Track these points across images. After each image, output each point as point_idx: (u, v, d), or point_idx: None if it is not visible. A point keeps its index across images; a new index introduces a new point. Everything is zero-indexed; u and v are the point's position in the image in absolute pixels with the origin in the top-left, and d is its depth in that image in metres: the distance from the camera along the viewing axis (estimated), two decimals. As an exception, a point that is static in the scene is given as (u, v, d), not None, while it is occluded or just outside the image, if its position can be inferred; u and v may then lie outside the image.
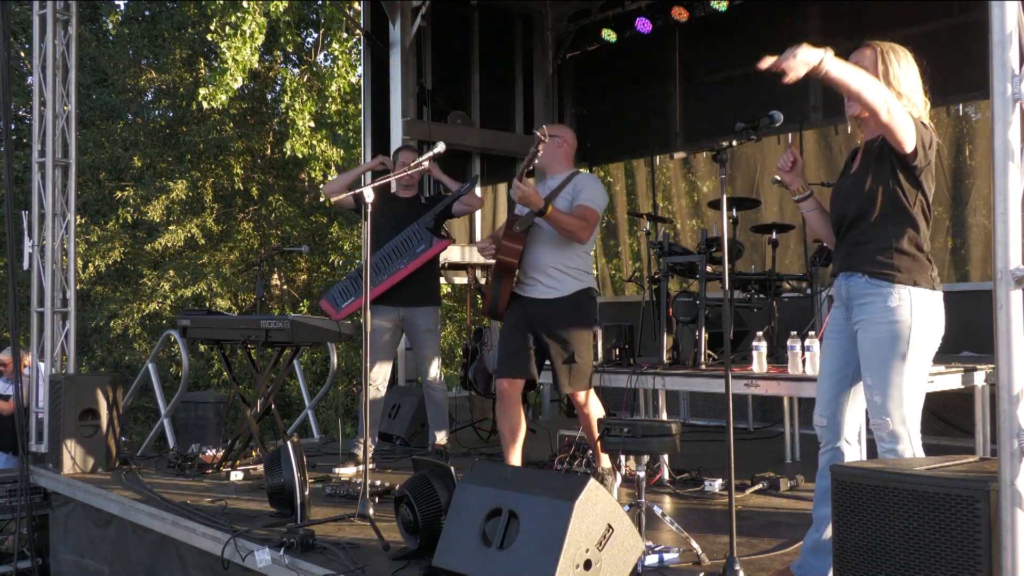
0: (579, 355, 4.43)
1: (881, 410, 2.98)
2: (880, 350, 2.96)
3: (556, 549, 2.82)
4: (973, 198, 6.81)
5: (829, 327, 3.23)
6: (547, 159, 4.59)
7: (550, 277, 4.44)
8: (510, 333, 4.56)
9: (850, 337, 3.10)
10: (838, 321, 3.16)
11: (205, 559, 4.26)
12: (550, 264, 4.44)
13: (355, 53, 13.94)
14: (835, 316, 3.19)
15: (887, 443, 3.00)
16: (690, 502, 4.65)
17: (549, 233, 4.41)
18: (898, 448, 2.99)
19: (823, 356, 3.25)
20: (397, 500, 3.61)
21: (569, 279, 4.45)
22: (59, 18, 6.41)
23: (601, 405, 4.65)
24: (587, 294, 4.51)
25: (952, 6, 6.42)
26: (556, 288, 4.44)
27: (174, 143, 16.26)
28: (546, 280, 4.45)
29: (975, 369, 4.68)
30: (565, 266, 4.45)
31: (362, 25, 8.12)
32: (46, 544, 5.99)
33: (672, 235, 8.62)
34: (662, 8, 7.78)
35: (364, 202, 4.19)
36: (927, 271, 2.99)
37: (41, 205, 6.35)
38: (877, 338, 2.97)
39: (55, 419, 5.78)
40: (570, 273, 4.45)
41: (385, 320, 5.57)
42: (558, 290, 4.44)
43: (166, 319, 14.59)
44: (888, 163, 2.99)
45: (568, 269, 4.45)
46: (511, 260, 4.43)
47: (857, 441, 3.23)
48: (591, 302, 4.54)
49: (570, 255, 4.45)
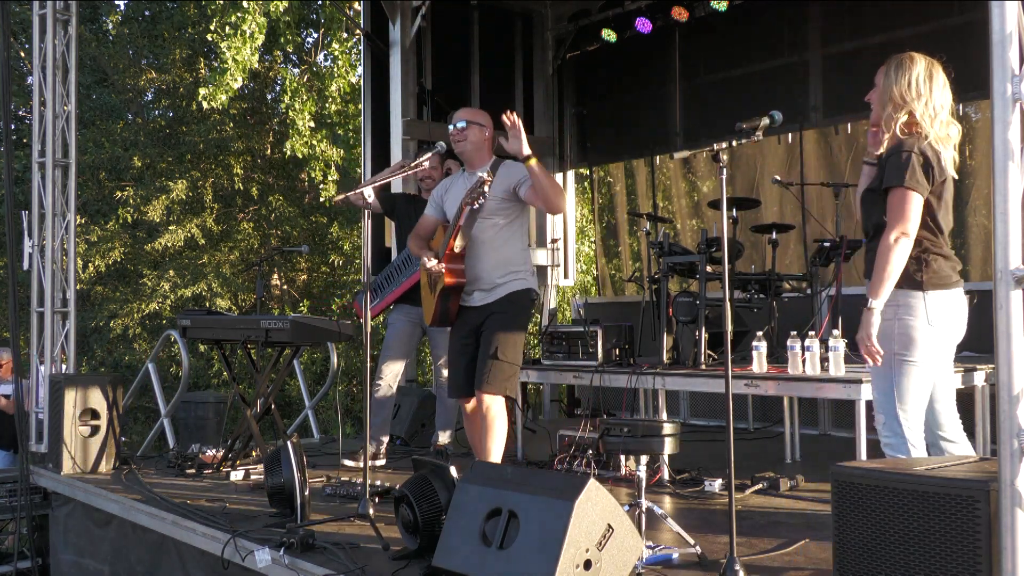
0: (503, 352, 4.18)
1: (878, 405, 3.12)
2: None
3: (556, 549, 2.82)
4: (973, 198, 6.81)
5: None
6: (475, 151, 4.32)
7: (493, 284, 4.28)
8: (457, 352, 4.39)
9: None
10: None
11: (205, 559, 4.26)
12: (493, 275, 4.27)
13: (355, 53, 13.94)
14: None
15: (886, 436, 3.11)
16: (690, 502, 4.65)
17: (488, 241, 4.24)
18: (893, 442, 3.09)
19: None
20: (397, 500, 3.61)
21: (509, 282, 4.28)
22: (59, 18, 6.40)
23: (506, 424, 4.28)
24: (525, 295, 4.32)
25: (952, 6, 6.41)
26: (496, 292, 4.29)
27: (174, 143, 16.26)
28: (488, 287, 4.29)
29: (975, 369, 4.68)
30: (505, 271, 4.28)
31: (362, 25, 8.11)
32: (46, 544, 5.99)
33: (672, 235, 8.62)
34: (662, 8, 7.77)
35: (364, 201, 4.20)
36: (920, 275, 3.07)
37: (41, 205, 6.35)
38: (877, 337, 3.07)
39: (55, 419, 5.78)
40: (509, 277, 4.28)
41: (406, 318, 5.59)
42: (497, 293, 4.29)
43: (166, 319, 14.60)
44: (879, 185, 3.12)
45: (507, 275, 4.28)
46: (460, 280, 4.25)
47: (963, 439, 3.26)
48: (528, 303, 4.35)
49: (510, 258, 4.29)
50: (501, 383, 4.18)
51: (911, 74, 3.13)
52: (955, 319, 3.14)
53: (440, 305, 4.32)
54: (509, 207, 4.27)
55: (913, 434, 3.09)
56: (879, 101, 3.21)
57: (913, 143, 3.09)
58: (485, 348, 4.22)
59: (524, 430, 6.07)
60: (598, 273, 10.46)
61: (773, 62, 7.47)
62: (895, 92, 3.13)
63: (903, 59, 3.17)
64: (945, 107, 3.15)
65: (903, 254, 3.02)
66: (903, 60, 3.17)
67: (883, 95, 3.17)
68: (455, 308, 4.34)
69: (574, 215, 9.56)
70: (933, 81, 3.14)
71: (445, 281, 4.22)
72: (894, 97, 3.13)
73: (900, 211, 3.03)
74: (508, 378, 4.20)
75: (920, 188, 3.05)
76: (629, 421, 3.84)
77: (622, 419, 4.16)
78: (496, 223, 4.27)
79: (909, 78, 3.12)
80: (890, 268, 3.00)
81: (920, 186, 3.05)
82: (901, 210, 3.03)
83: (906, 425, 3.08)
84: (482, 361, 4.21)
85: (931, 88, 3.13)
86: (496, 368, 4.17)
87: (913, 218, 3.03)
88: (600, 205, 10.24)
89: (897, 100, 3.12)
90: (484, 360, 4.20)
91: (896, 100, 3.13)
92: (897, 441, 3.09)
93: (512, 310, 4.27)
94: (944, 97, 3.15)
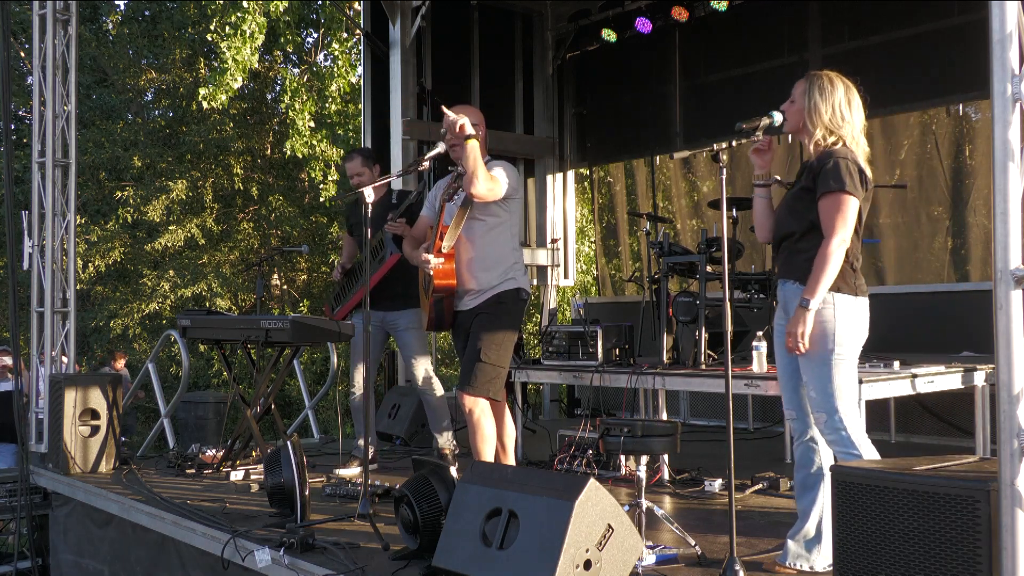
0: (486, 354, 4.14)
1: (817, 405, 3.21)
2: (811, 348, 3.17)
3: (556, 549, 2.82)
4: (973, 198, 6.80)
5: (776, 329, 3.44)
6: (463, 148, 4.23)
7: (481, 286, 4.26)
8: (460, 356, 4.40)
9: None
10: (781, 323, 3.38)
11: (205, 559, 4.26)
12: (481, 276, 4.25)
13: (355, 53, 13.95)
14: (778, 318, 3.42)
15: (828, 435, 3.21)
16: (690, 502, 4.65)
17: (475, 242, 4.22)
18: (839, 438, 3.16)
19: (776, 356, 3.47)
20: (397, 500, 3.61)
21: (498, 282, 4.26)
22: (59, 18, 6.40)
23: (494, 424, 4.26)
24: (515, 294, 4.28)
25: (952, 6, 6.41)
26: (485, 294, 4.28)
27: (174, 143, 16.27)
28: (477, 289, 4.27)
29: (975, 369, 4.68)
30: (494, 272, 4.26)
31: (362, 25, 8.11)
32: (46, 544, 5.99)
33: (672, 235, 8.62)
34: (662, 8, 7.77)
35: (364, 202, 4.20)
36: (850, 279, 3.20)
37: (41, 205, 6.35)
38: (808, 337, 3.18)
39: (55, 419, 5.78)
40: (498, 277, 4.26)
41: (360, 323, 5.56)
42: (486, 295, 4.28)
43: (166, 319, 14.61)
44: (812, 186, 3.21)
45: (496, 276, 4.26)
46: (450, 282, 4.24)
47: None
48: (518, 303, 4.31)
49: (499, 258, 4.26)
50: (484, 385, 4.15)
51: (834, 99, 3.23)
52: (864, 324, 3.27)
53: (434, 308, 4.32)
54: (496, 208, 4.24)
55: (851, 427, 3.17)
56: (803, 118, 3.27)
57: (846, 152, 3.20)
58: (471, 350, 4.21)
59: (524, 430, 6.07)
60: (598, 273, 10.46)
61: (773, 62, 7.47)
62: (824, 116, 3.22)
63: (823, 80, 3.26)
64: (861, 127, 3.28)
65: (841, 258, 3.13)
66: (823, 82, 3.26)
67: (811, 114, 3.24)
68: (449, 311, 4.33)
69: (574, 215, 9.55)
70: (852, 105, 3.25)
71: (435, 283, 4.21)
72: (824, 121, 3.22)
73: (842, 216, 3.12)
74: (491, 380, 4.16)
75: (858, 194, 3.16)
76: (629, 421, 3.84)
77: (622, 419, 4.16)
78: (484, 223, 4.25)
79: (833, 104, 3.23)
80: (830, 271, 3.11)
81: (858, 192, 3.16)
82: (843, 215, 3.12)
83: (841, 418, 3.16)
84: (467, 363, 4.20)
85: (852, 112, 3.25)
86: (479, 370, 4.15)
87: (851, 223, 3.14)
88: (600, 205, 10.24)
89: (827, 124, 3.23)
90: (468, 362, 4.19)
91: (826, 124, 3.23)
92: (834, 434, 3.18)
93: (499, 311, 4.25)
94: (861, 117, 3.28)
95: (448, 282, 4.23)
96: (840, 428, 3.15)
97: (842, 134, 3.23)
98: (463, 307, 4.32)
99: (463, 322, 4.33)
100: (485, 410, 4.21)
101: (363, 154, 5.61)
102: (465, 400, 4.17)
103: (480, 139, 4.24)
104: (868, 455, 3.12)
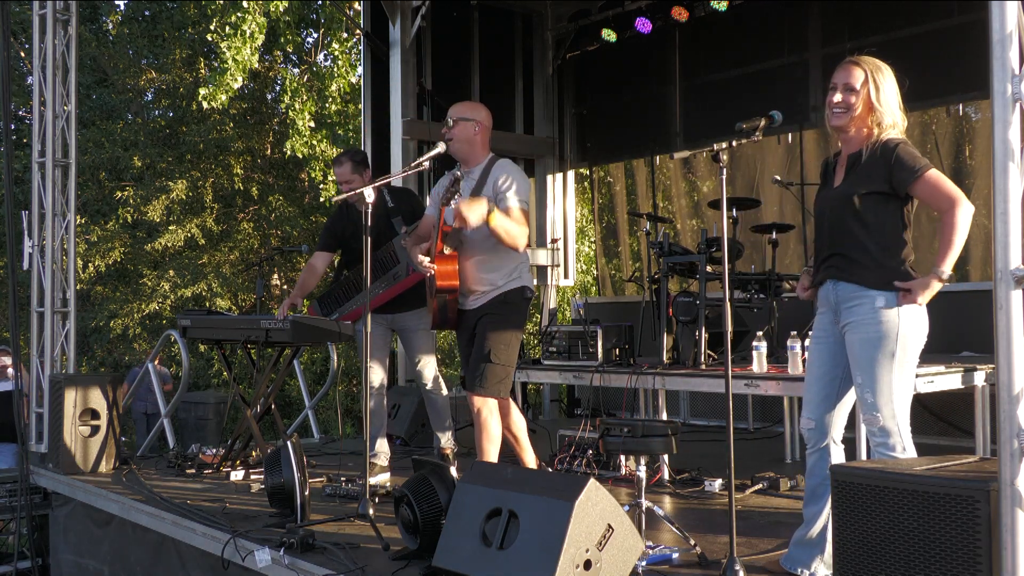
0: (495, 354, 4.13)
1: (872, 407, 3.11)
2: (869, 349, 3.08)
3: (556, 549, 2.82)
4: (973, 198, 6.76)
5: (816, 332, 3.35)
6: (466, 147, 4.25)
7: (485, 286, 4.25)
8: (464, 356, 4.40)
9: (838, 340, 3.23)
10: (824, 325, 3.29)
11: (205, 559, 4.26)
12: (485, 276, 4.23)
13: (355, 53, 13.95)
14: (821, 321, 3.32)
15: (878, 437, 3.12)
16: (690, 502, 4.65)
17: (479, 242, 4.19)
18: (889, 442, 3.10)
19: (810, 360, 3.36)
20: (397, 500, 3.61)
21: (502, 282, 4.24)
22: (59, 18, 6.40)
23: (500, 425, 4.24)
24: (519, 293, 4.26)
25: (952, 6, 6.41)
26: (489, 294, 4.26)
27: (174, 143, 16.27)
28: (481, 288, 4.26)
29: (975, 369, 4.67)
30: (498, 271, 4.24)
31: (362, 25, 8.11)
32: (46, 544, 5.99)
33: (672, 235, 8.62)
34: (662, 8, 7.77)
35: (364, 202, 4.19)
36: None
37: (41, 205, 6.35)
38: (866, 338, 3.09)
39: (55, 419, 5.78)
40: (502, 277, 4.25)
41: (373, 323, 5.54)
42: (490, 295, 4.26)
43: (166, 319, 14.61)
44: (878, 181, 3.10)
45: (500, 275, 4.24)
46: (453, 283, 4.22)
47: (841, 441, 3.34)
48: (522, 301, 4.29)
49: (502, 257, 4.23)
50: (493, 386, 4.16)
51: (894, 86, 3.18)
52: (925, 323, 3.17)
53: (437, 307, 4.31)
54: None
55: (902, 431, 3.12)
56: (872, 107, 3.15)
57: (898, 138, 3.14)
58: (478, 350, 4.20)
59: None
60: (598, 273, 10.46)
61: (773, 62, 7.47)
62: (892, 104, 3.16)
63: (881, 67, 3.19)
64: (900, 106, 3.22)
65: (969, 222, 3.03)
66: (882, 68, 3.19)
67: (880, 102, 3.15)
68: (454, 311, 4.32)
69: (574, 215, 9.56)
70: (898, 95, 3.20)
71: (437, 284, 4.21)
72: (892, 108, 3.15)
73: (945, 185, 3.04)
74: (500, 380, 4.17)
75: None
76: (629, 421, 3.84)
77: (622, 419, 4.16)
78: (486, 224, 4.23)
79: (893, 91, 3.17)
80: (960, 238, 3.01)
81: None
82: (945, 184, 3.04)
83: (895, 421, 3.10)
84: (475, 363, 4.19)
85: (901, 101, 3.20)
86: (489, 371, 4.15)
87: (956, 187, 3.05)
88: (600, 205, 10.24)
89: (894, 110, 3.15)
90: (476, 363, 4.18)
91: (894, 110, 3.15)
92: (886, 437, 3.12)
93: (505, 311, 4.23)
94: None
95: (450, 282, 4.22)
96: (892, 431, 3.08)
97: (900, 126, 3.17)
98: (468, 306, 4.32)
99: (468, 321, 4.33)
100: (493, 410, 4.22)
101: (353, 159, 5.39)
102: (475, 400, 4.17)
103: (478, 134, 4.25)
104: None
